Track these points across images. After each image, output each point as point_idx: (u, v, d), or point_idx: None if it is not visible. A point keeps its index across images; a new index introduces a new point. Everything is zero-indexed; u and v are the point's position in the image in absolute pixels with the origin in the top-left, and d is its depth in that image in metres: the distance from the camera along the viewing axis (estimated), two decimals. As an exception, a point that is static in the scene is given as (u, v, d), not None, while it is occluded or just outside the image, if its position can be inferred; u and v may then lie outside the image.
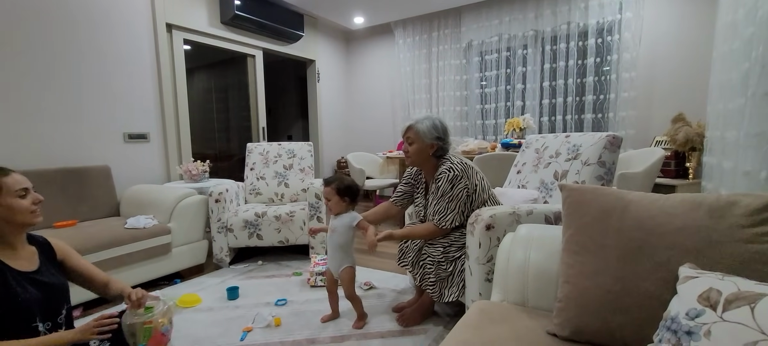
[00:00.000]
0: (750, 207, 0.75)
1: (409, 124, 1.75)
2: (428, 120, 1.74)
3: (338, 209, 1.79)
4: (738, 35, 2.23)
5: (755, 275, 0.70)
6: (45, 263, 1.16)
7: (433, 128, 1.71)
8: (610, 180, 1.74)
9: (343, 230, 1.78)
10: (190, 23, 3.51)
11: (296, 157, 3.34)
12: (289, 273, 2.58)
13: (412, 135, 1.74)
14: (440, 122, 1.75)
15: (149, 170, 3.23)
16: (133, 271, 2.23)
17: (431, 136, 1.71)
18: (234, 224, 2.71)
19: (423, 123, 1.72)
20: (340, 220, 1.79)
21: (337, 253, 1.81)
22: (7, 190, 1.08)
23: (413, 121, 1.75)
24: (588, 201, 0.90)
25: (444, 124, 1.76)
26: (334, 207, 1.79)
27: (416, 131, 1.72)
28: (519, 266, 1.01)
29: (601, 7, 3.70)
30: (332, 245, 1.82)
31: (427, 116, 1.76)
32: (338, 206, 1.78)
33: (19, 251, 1.11)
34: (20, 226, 1.11)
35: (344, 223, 1.77)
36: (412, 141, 1.74)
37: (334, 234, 1.79)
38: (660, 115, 3.58)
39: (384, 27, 5.11)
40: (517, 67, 4.23)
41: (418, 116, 1.77)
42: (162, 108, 3.31)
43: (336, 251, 1.81)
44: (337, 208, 1.79)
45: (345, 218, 1.78)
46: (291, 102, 6.70)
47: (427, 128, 1.71)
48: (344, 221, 1.78)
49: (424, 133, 1.71)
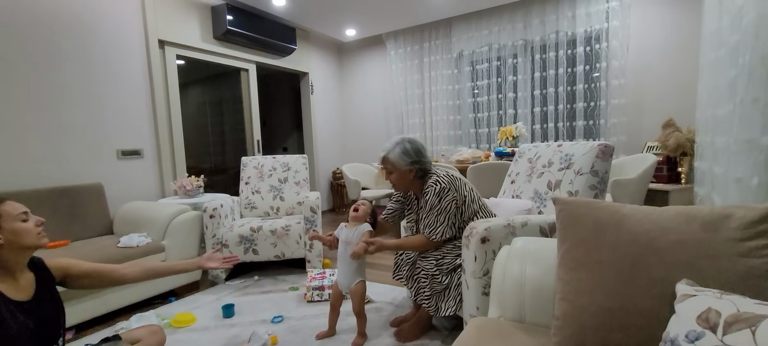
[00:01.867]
0: (744, 220, 0.75)
1: (383, 155, 1.74)
2: (398, 147, 1.70)
3: (362, 219, 1.80)
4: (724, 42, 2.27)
5: (753, 290, 0.70)
6: (41, 290, 1.15)
7: (404, 155, 1.69)
8: (604, 189, 1.75)
9: (358, 241, 1.73)
10: (183, 39, 3.51)
11: (291, 171, 3.33)
12: (285, 288, 2.56)
13: (390, 165, 1.73)
14: (411, 145, 1.71)
15: (143, 187, 3.21)
16: (127, 290, 2.20)
17: (405, 163, 1.69)
18: (229, 239, 2.68)
19: (394, 152, 1.70)
20: (355, 232, 1.77)
21: (351, 267, 1.77)
22: (8, 216, 1.09)
23: (385, 150, 1.73)
24: (582, 215, 0.91)
25: (416, 145, 1.73)
26: (362, 213, 1.81)
27: (391, 161, 1.71)
28: (515, 281, 1.01)
29: (589, 17, 3.76)
30: (343, 261, 1.79)
31: (398, 142, 1.72)
32: (364, 216, 1.81)
33: (18, 280, 1.10)
34: (28, 249, 1.12)
35: (358, 236, 1.75)
36: (391, 170, 1.74)
37: (350, 246, 1.74)
38: (650, 121, 3.63)
39: (376, 39, 5.15)
40: (508, 76, 4.28)
41: (388, 145, 1.74)
42: (155, 123, 3.30)
43: (351, 265, 1.77)
44: (364, 216, 1.81)
45: (360, 230, 1.77)
46: (285, 114, 6.70)
47: (399, 156, 1.69)
48: (359, 231, 1.77)
49: (397, 162, 1.70)
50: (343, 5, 3.96)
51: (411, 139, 1.75)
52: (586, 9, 3.76)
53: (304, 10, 4.06)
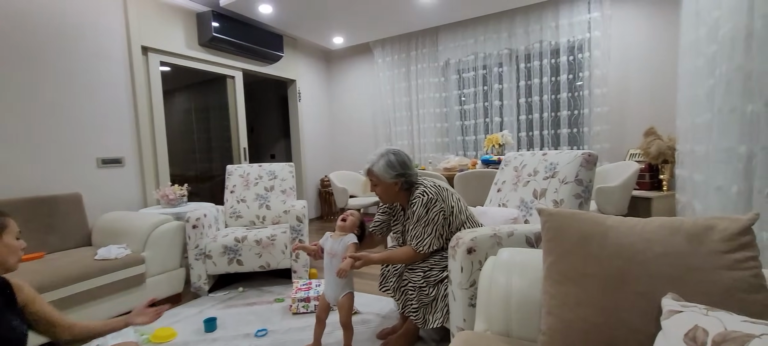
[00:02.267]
0: (727, 232, 0.76)
1: (368, 167, 1.71)
2: (383, 159, 1.67)
3: (350, 228, 1.76)
4: (701, 53, 2.33)
5: (737, 304, 0.70)
6: (3, 313, 1.09)
7: (388, 167, 1.66)
8: (588, 197, 1.77)
9: (343, 252, 1.70)
10: (167, 46, 3.46)
11: (277, 179, 3.29)
12: (270, 300, 2.50)
13: (374, 178, 1.70)
14: (396, 157, 1.69)
15: (124, 196, 3.12)
16: (104, 305, 2.12)
17: (390, 176, 1.66)
18: (213, 250, 2.62)
19: (378, 164, 1.67)
20: (340, 243, 1.72)
21: (337, 279, 1.73)
22: (11, 230, 1.12)
23: (369, 163, 1.70)
24: (567, 226, 0.91)
25: (401, 156, 1.70)
26: (350, 223, 1.77)
27: (376, 174, 1.68)
28: (502, 294, 1.01)
29: (572, 27, 3.83)
30: (330, 273, 1.74)
31: (383, 154, 1.69)
32: (352, 226, 1.77)
33: None
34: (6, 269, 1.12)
35: (344, 247, 1.71)
36: (376, 183, 1.71)
37: (336, 259, 1.71)
38: (633, 129, 3.70)
39: (363, 47, 5.16)
40: (494, 85, 4.33)
41: (372, 157, 1.71)
42: (138, 131, 3.23)
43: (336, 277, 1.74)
44: (352, 226, 1.77)
45: (345, 241, 1.73)
46: (273, 121, 6.66)
47: (383, 169, 1.66)
48: (343, 242, 1.72)
49: (382, 175, 1.67)
50: (331, 13, 3.96)
51: (396, 151, 1.72)
52: (569, 19, 3.83)
53: (291, 17, 4.05)
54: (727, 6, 1.85)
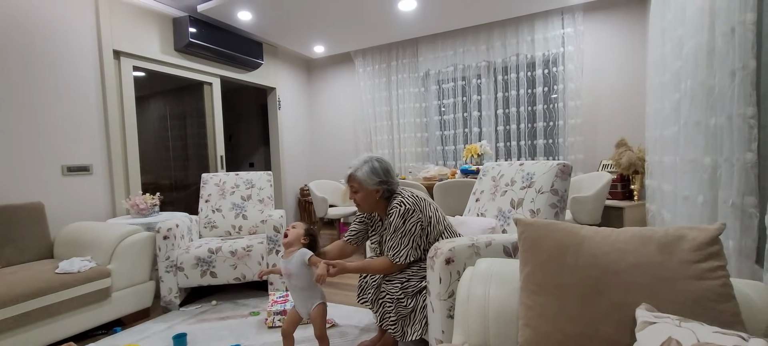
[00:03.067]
0: (696, 241, 0.77)
1: (350, 173, 1.67)
2: (367, 165, 1.65)
3: (295, 242, 1.67)
4: (667, 68, 2.44)
5: (708, 314, 0.72)
6: None
7: (372, 173, 1.64)
8: (564, 207, 1.80)
9: (298, 270, 1.65)
10: (141, 50, 3.35)
11: (255, 188, 3.21)
12: (245, 313, 2.42)
13: (356, 184, 1.66)
14: (380, 164, 1.67)
15: (91, 206, 2.98)
16: (64, 322, 1.99)
17: (373, 182, 1.64)
18: (185, 261, 2.52)
19: (362, 170, 1.64)
20: (293, 262, 1.65)
21: (304, 293, 1.68)
22: None
23: (353, 168, 1.67)
24: (543, 236, 0.91)
25: (384, 164, 1.68)
26: (294, 235, 1.67)
27: (358, 180, 1.65)
28: (479, 305, 1.00)
29: (546, 41, 3.95)
30: (294, 289, 1.69)
31: (366, 160, 1.67)
32: (297, 239, 1.68)
33: None
34: None
35: (297, 262, 1.64)
36: (357, 189, 1.67)
37: (293, 278, 1.66)
38: (605, 140, 3.83)
39: (344, 56, 5.16)
40: (473, 96, 4.40)
41: (356, 162, 1.68)
42: (108, 137, 3.10)
43: (302, 292, 1.68)
44: (296, 239, 1.67)
45: (296, 256, 1.65)
46: (253, 129, 6.55)
47: (367, 174, 1.63)
48: (296, 259, 1.65)
49: (365, 181, 1.64)
50: (311, 22, 3.95)
51: (380, 158, 1.70)
52: (544, 34, 3.95)
53: (271, 25, 4.01)
54: (690, 24, 1.94)
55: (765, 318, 0.81)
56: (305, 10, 3.64)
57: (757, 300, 0.84)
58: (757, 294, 0.85)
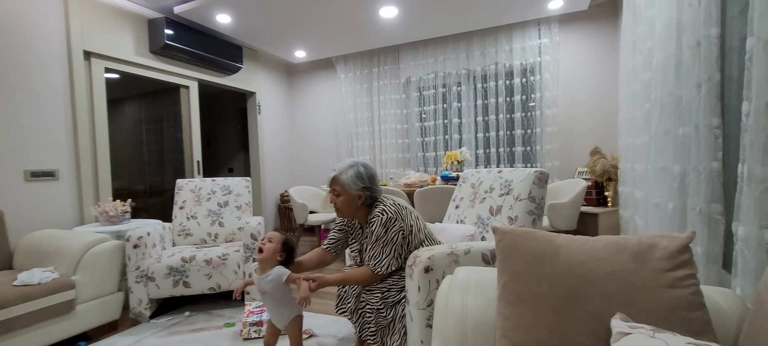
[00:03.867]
0: (668, 250, 0.79)
1: (333, 175, 1.63)
2: (352, 169, 1.61)
3: (271, 260, 1.60)
4: (638, 79, 2.52)
5: (680, 323, 0.73)
6: None
7: (357, 178, 1.60)
8: (541, 214, 1.82)
9: (273, 289, 1.60)
10: (114, 52, 3.24)
11: (232, 194, 3.14)
12: (220, 324, 2.34)
13: (339, 187, 1.62)
14: (365, 169, 1.64)
15: (57, 213, 2.84)
16: (24, 337, 1.87)
17: (357, 187, 1.61)
18: (156, 271, 2.43)
19: (347, 173, 1.61)
20: (268, 281, 1.58)
21: (280, 308, 1.64)
22: None
23: (337, 171, 1.63)
24: (520, 245, 0.91)
25: (370, 170, 1.66)
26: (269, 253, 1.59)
27: (342, 183, 1.61)
28: (457, 314, 0.99)
29: (524, 51, 4.04)
30: (269, 303, 1.65)
31: (352, 164, 1.64)
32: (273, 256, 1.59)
33: None
34: None
35: (272, 283, 1.58)
36: (339, 193, 1.63)
37: (267, 296, 1.62)
38: (580, 147, 3.93)
39: (326, 61, 5.13)
40: (453, 103, 4.45)
41: (341, 165, 1.65)
42: (76, 141, 2.97)
43: (278, 307, 1.64)
44: (272, 257, 1.59)
45: (272, 276, 1.58)
46: (232, 134, 6.41)
47: (351, 179, 1.60)
48: (272, 280, 1.58)
49: (348, 185, 1.60)
50: (292, 27, 3.91)
51: (365, 164, 1.67)
52: (522, 43, 4.04)
53: (251, 29, 3.94)
54: (658, 37, 2.02)
55: (734, 326, 0.83)
56: (286, 15, 3.60)
57: (726, 308, 0.86)
58: (726, 302, 0.88)
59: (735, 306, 0.87)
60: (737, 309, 0.87)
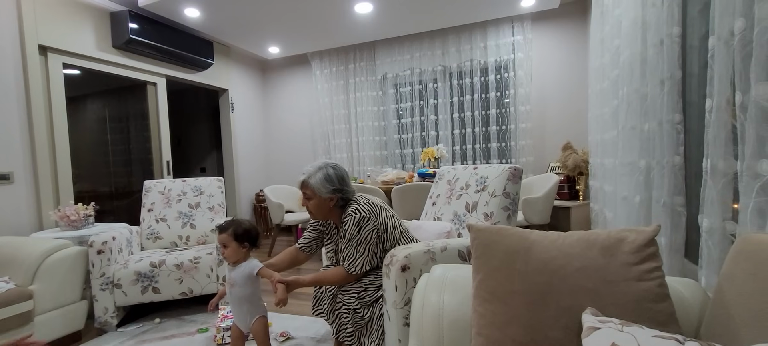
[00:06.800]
0: (635, 243, 0.81)
1: (302, 179, 1.60)
2: (321, 172, 1.59)
3: (237, 257, 1.61)
4: (606, 76, 2.60)
5: (647, 314, 0.75)
6: None
7: (326, 181, 1.58)
8: (515, 210, 1.85)
9: (243, 282, 1.59)
10: (72, 46, 3.06)
11: (204, 195, 3.04)
12: (192, 330, 2.27)
13: (309, 191, 1.60)
14: (334, 171, 1.61)
15: (12, 218, 2.66)
16: (-25, 353, 1.75)
17: (327, 190, 1.58)
18: (122, 277, 2.32)
19: (315, 177, 1.58)
20: (238, 271, 1.59)
21: (243, 306, 1.62)
22: None
23: (306, 175, 1.60)
24: (495, 242, 0.92)
25: (340, 171, 1.63)
26: (232, 255, 1.60)
27: (311, 187, 1.58)
28: (434, 313, 0.99)
29: (498, 48, 4.10)
30: (235, 299, 1.62)
31: (321, 167, 1.61)
32: (237, 253, 1.60)
33: None
34: None
35: (244, 274, 1.58)
36: (310, 196, 1.60)
37: (235, 288, 1.60)
38: (552, 143, 4.03)
39: (301, 57, 5.05)
40: (430, 100, 4.47)
41: (309, 168, 1.62)
42: (32, 142, 2.79)
43: (242, 305, 1.62)
44: (236, 255, 1.60)
45: (244, 268, 1.59)
46: (203, 133, 6.21)
47: (320, 182, 1.57)
48: (244, 271, 1.59)
49: (318, 189, 1.58)
50: (265, 22, 3.81)
51: (334, 165, 1.64)
52: (496, 41, 4.10)
53: (221, 24, 3.82)
54: (625, 36, 2.08)
55: (696, 315, 0.86)
56: (258, 9, 3.50)
57: (690, 298, 0.89)
58: (690, 292, 0.91)
59: (697, 295, 0.91)
60: (699, 298, 0.90)
